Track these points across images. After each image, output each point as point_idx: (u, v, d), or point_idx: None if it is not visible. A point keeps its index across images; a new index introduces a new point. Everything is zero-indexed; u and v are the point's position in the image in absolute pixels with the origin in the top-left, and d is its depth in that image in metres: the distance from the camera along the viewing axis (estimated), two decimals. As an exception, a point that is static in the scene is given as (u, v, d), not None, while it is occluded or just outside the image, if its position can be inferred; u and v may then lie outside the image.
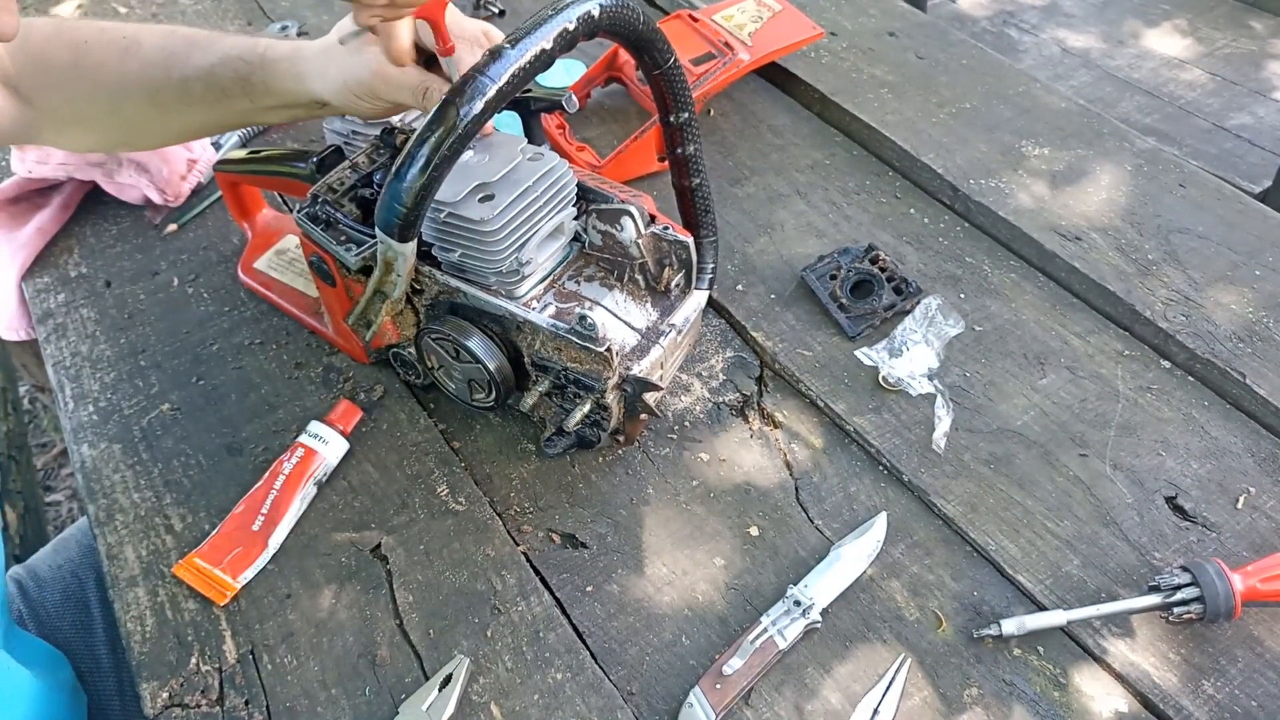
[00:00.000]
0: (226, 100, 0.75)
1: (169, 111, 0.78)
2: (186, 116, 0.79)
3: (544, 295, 0.71)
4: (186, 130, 0.83)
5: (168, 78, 0.75)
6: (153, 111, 0.78)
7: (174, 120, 0.80)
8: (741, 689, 0.64)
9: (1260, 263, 0.89)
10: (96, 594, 0.85)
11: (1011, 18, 1.98)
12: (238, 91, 0.74)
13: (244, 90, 0.74)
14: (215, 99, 0.75)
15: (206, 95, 0.75)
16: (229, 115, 0.78)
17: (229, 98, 0.75)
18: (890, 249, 0.93)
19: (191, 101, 0.76)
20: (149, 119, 0.79)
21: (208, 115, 0.78)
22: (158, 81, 0.76)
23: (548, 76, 1.07)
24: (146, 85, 0.76)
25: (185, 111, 0.77)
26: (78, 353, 0.89)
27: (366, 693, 0.66)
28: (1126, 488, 0.74)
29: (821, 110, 1.11)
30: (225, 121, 0.81)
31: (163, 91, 0.76)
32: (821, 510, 0.74)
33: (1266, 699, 0.63)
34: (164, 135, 0.85)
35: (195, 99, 0.76)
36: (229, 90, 0.75)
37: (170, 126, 0.81)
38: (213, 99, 0.75)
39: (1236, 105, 1.70)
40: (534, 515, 0.75)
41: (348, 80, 0.70)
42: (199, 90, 0.75)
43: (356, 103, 0.71)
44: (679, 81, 0.68)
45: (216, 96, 0.75)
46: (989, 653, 0.66)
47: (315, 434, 0.77)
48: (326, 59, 0.71)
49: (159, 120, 0.79)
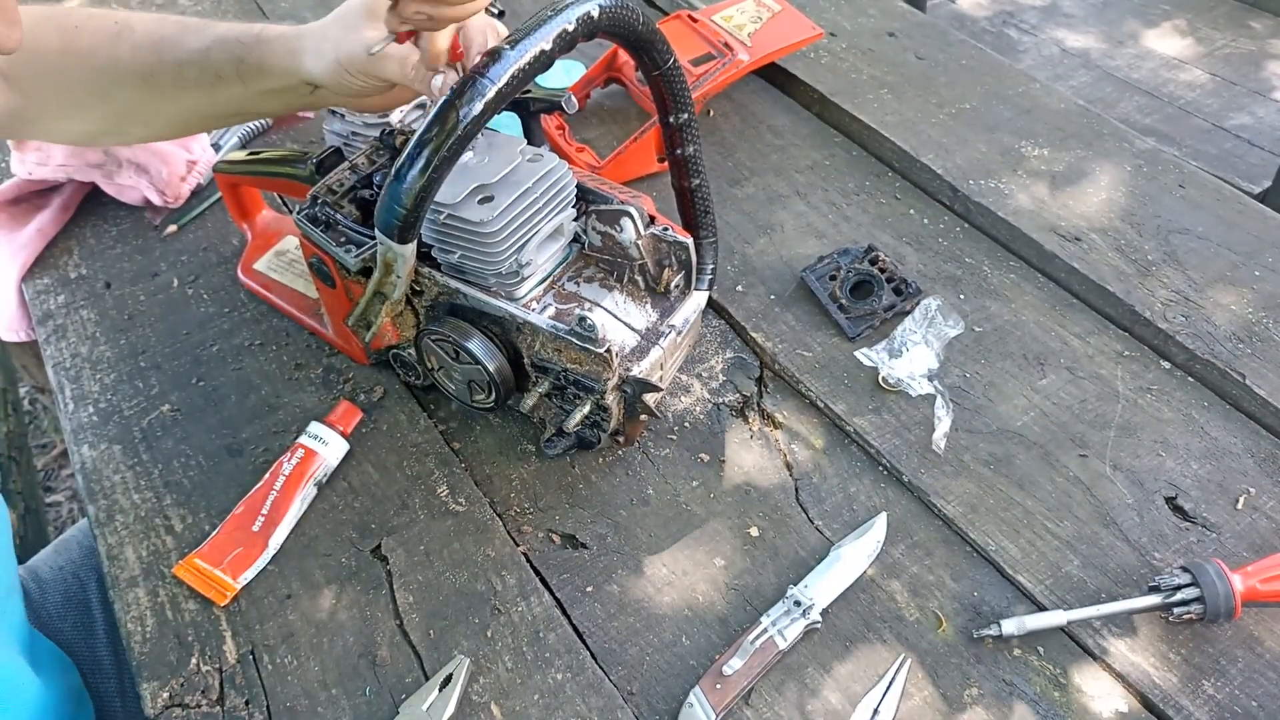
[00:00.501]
0: (220, 84, 0.75)
1: (161, 96, 0.77)
2: (178, 102, 0.78)
3: (544, 296, 0.71)
4: (177, 119, 0.82)
5: (160, 61, 0.75)
6: (145, 96, 0.78)
7: (165, 106, 0.79)
8: (741, 689, 0.64)
9: (1260, 263, 0.89)
10: (98, 595, 0.85)
11: (1011, 18, 1.98)
12: (231, 74, 0.74)
13: (237, 73, 0.74)
14: (209, 82, 0.75)
15: (201, 78, 0.75)
16: (221, 102, 0.77)
17: (222, 81, 0.75)
18: (890, 250, 0.93)
19: (185, 85, 0.76)
20: (140, 104, 0.79)
21: (200, 100, 0.78)
22: (150, 65, 0.75)
23: (547, 77, 1.07)
24: (139, 69, 0.76)
25: (177, 96, 0.77)
26: (78, 354, 0.89)
27: (366, 693, 0.66)
28: (1126, 488, 0.74)
29: (821, 111, 1.11)
30: (217, 109, 0.80)
31: (156, 75, 0.76)
32: (821, 510, 0.74)
33: (1266, 699, 0.63)
34: (154, 124, 0.84)
35: (189, 83, 0.75)
36: (223, 73, 0.74)
37: (161, 114, 0.81)
38: (206, 82, 0.75)
39: (1236, 105, 1.70)
40: (534, 516, 0.75)
41: (341, 56, 0.70)
42: (193, 74, 0.75)
43: (348, 79, 0.70)
44: (678, 82, 0.68)
45: (210, 80, 0.75)
46: (989, 653, 0.66)
47: (315, 435, 0.77)
48: (321, 36, 0.72)
49: (150, 106, 0.79)
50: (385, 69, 0.69)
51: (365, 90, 0.72)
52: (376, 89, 0.72)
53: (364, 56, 0.68)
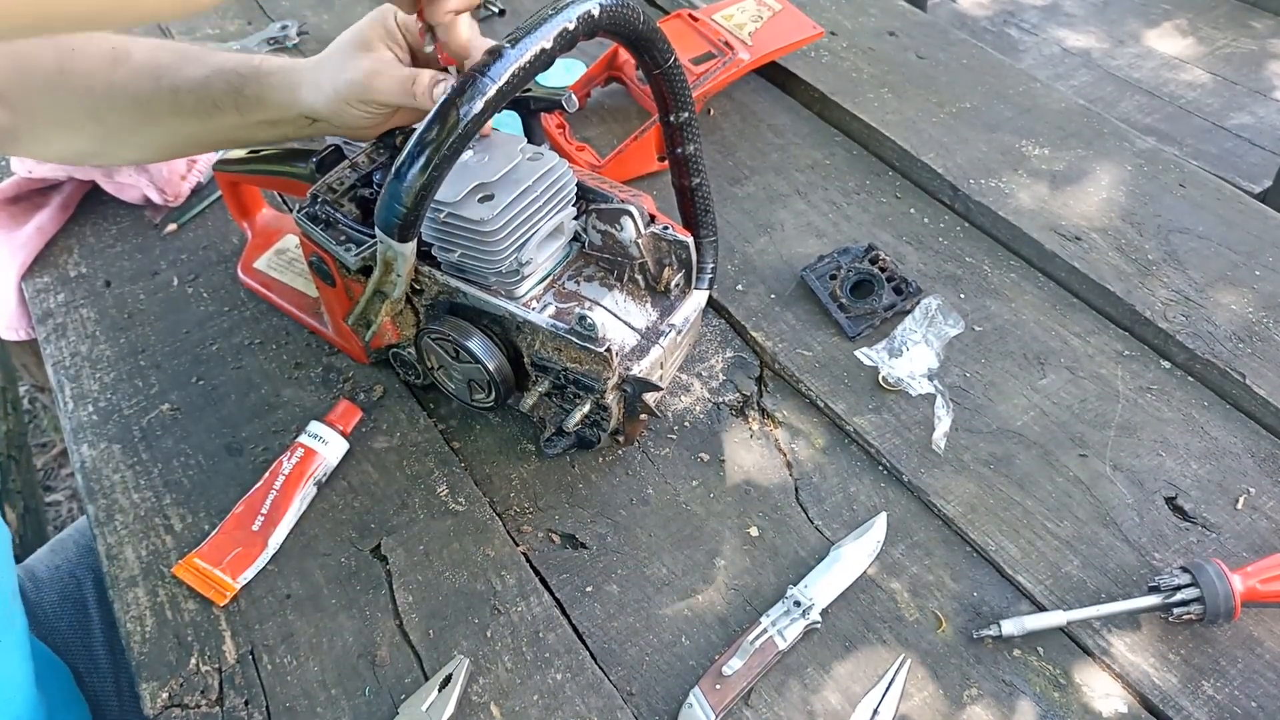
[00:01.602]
0: (216, 113, 0.75)
1: (156, 122, 0.77)
2: (173, 129, 0.78)
3: (544, 295, 0.71)
4: (169, 145, 0.82)
5: (157, 88, 0.75)
6: (139, 122, 0.77)
7: (159, 132, 0.79)
8: (741, 689, 0.64)
9: (1260, 263, 0.89)
10: (94, 594, 0.85)
11: (1012, 17, 1.98)
12: (229, 104, 0.74)
13: (235, 103, 0.74)
14: (205, 111, 0.75)
15: (198, 107, 0.75)
16: (216, 131, 0.77)
17: (219, 111, 0.75)
18: (890, 249, 0.93)
19: (181, 113, 0.75)
20: (133, 129, 0.78)
21: (195, 129, 0.77)
22: (146, 92, 0.75)
23: (548, 76, 1.07)
24: (135, 95, 0.75)
25: (173, 123, 0.77)
26: (77, 353, 0.89)
27: (366, 693, 0.66)
28: (1126, 488, 0.74)
29: (821, 110, 1.11)
30: (212, 138, 0.80)
31: (152, 102, 0.75)
32: (821, 510, 0.74)
33: (1266, 699, 0.63)
34: (145, 149, 0.83)
35: (186, 110, 0.75)
36: (220, 103, 0.74)
37: (154, 139, 0.80)
38: (203, 111, 0.75)
39: (1237, 105, 1.70)
40: (534, 515, 0.75)
41: (339, 87, 0.70)
42: (190, 102, 0.75)
43: (347, 110, 0.71)
44: (679, 81, 0.68)
45: (207, 109, 0.75)
46: (989, 653, 0.66)
47: (315, 434, 0.77)
48: (319, 70, 0.72)
49: (144, 131, 0.79)
50: (386, 94, 0.69)
51: (364, 120, 0.72)
52: (376, 118, 0.72)
53: (361, 86, 0.69)
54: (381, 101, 0.70)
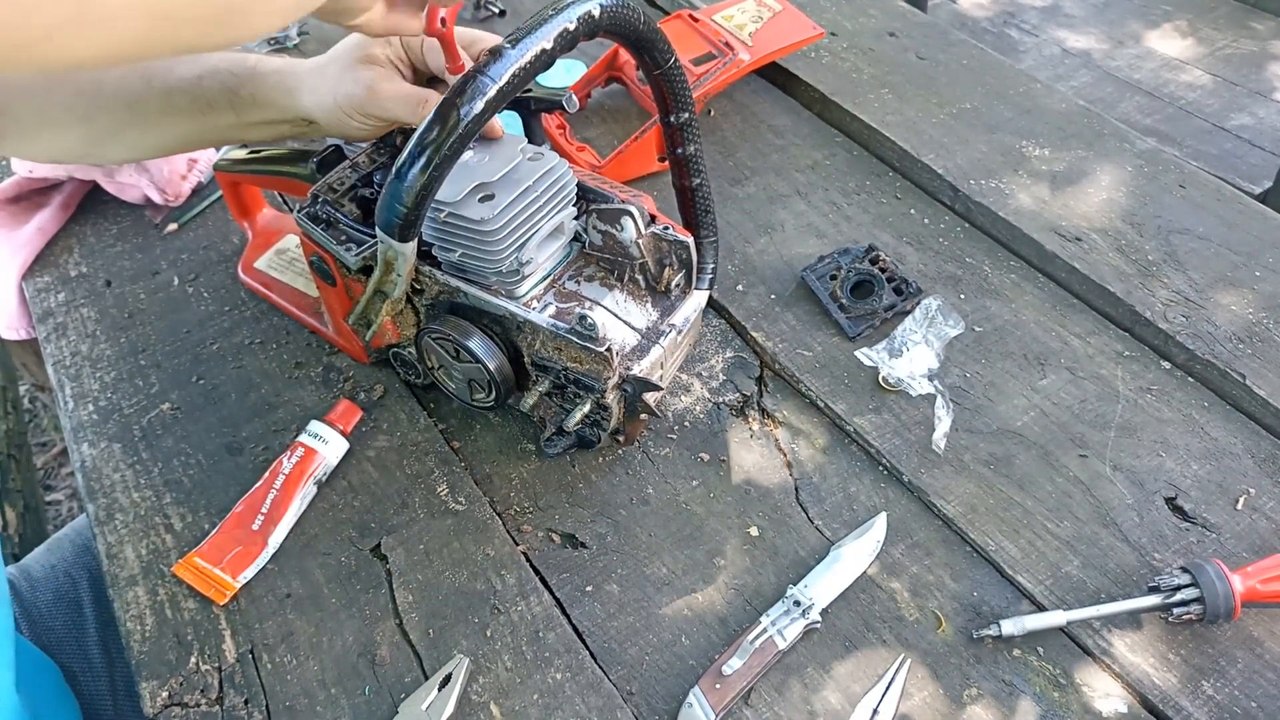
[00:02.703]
0: (210, 113, 0.75)
1: (148, 122, 0.77)
2: (165, 130, 0.77)
3: (544, 295, 0.71)
4: (161, 145, 0.82)
5: (148, 88, 0.74)
6: (129, 121, 0.77)
7: (151, 132, 0.78)
8: (741, 689, 0.64)
9: (1260, 264, 0.89)
10: (90, 593, 0.85)
11: (1012, 18, 1.99)
12: (223, 104, 0.74)
13: (230, 103, 0.74)
14: (199, 111, 0.75)
15: (191, 107, 0.74)
16: (210, 130, 0.77)
17: (214, 110, 0.74)
18: (890, 249, 0.93)
19: (174, 113, 0.75)
20: (124, 129, 0.78)
21: (188, 129, 0.77)
22: (137, 92, 0.74)
23: (548, 76, 1.07)
24: (125, 95, 0.75)
25: (165, 123, 0.76)
26: (78, 352, 0.89)
27: (366, 692, 0.66)
28: (1126, 488, 0.74)
29: (822, 110, 1.11)
30: (205, 137, 0.80)
31: (143, 102, 0.75)
32: (821, 510, 0.74)
33: (1266, 700, 0.63)
34: (136, 148, 0.83)
35: (179, 111, 0.75)
36: (214, 103, 0.74)
37: (146, 139, 0.80)
38: (196, 111, 0.75)
39: (1237, 106, 1.71)
40: (534, 515, 0.75)
41: (339, 98, 0.70)
42: (183, 102, 0.74)
43: (345, 121, 0.71)
44: (679, 81, 0.68)
45: (200, 109, 0.74)
46: (989, 653, 0.66)
47: (315, 433, 0.77)
48: (319, 75, 0.72)
49: (134, 132, 0.78)
50: (391, 112, 0.69)
51: (363, 131, 0.72)
52: (375, 129, 0.72)
53: (363, 100, 0.68)
54: (385, 118, 0.70)
